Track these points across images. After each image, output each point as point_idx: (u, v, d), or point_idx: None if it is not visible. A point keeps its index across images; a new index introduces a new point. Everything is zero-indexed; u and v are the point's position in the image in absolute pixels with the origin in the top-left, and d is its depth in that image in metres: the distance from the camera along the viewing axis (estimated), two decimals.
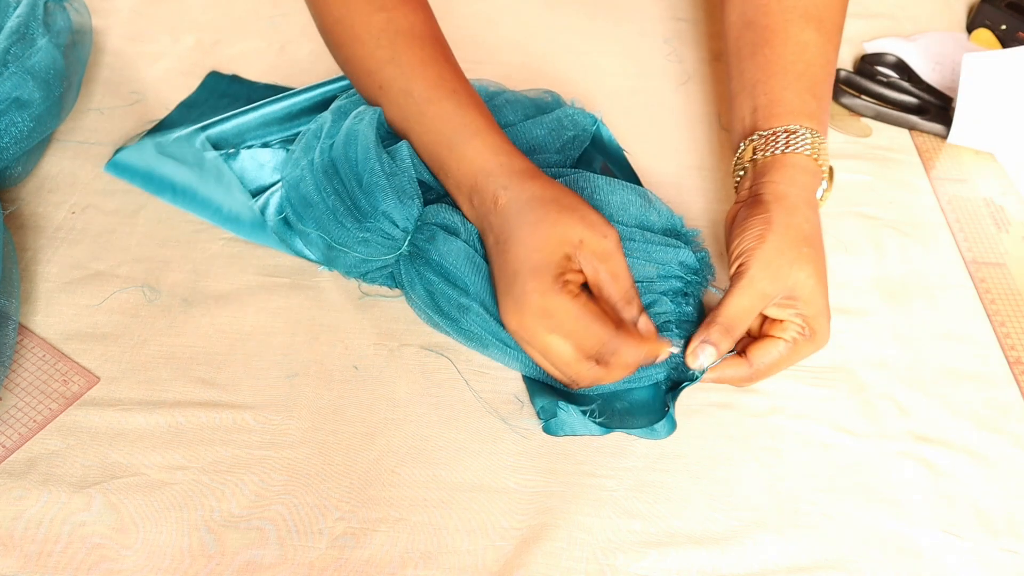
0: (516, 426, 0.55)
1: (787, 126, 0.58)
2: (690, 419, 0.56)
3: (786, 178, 0.56)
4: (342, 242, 0.58)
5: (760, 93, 0.61)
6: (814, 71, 0.61)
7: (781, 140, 0.58)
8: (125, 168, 0.67)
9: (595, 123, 0.67)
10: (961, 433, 0.56)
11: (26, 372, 0.55)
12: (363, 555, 0.49)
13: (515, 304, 0.50)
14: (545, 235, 0.51)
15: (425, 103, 0.56)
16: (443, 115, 0.56)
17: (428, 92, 0.57)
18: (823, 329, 0.53)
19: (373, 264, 0.59)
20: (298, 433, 0.54)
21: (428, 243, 0.56)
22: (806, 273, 0.53)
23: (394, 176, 0.57)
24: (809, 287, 0.53)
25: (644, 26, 0.88)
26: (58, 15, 0.70)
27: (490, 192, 0.53)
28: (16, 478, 0.50)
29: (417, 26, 0.59)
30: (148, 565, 0.47)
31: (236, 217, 0.64)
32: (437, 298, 0.57)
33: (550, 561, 0.49)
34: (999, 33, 0.86)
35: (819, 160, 0.57)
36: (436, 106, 0.56)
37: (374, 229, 0.57)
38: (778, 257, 0.53)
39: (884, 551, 0.51)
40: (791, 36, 0.61)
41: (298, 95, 0.69)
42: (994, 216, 0.71)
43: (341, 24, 0.60)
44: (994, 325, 0.63)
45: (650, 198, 0.60)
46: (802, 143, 0.57)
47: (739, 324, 0.53)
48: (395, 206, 0.57)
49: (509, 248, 0.51)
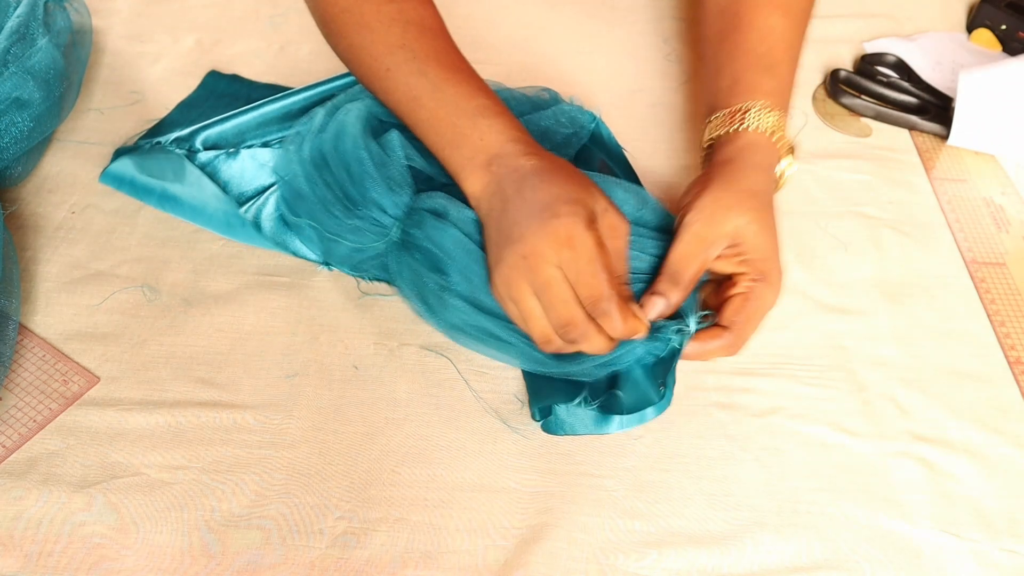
0: (516, 426, 0.55)
1: (743, 104, 0.59)
2: (690, 419, 0.56)
3: (736, 149, 0.58)
4: (334, 231, 0.58)
5: (724, 75, 0.63)
6: (776, 53, 0.62)
7: (737, 118, 0.59)
8: (117, 179, 0.66)
9: (594, 120, 0.67)
10: (961, 433, 0.56)
11: (26, 372, 0.55)
12: (363, 555, 0.49)
13: (536, 227, 0.50)
14: (582, 185, 0.52)
15: (442, 82, 0.57)
16: (464, 93, 0.56)
17: (445, 73, 0.57)
18: (774, 270, 0.54)
19: (366, 253, 0.59)
20: (298, 433, 0.54)
21: (417, 228, 0.56)
22: (746, 219, 0.53)
23: (384, 166, 0.58)
24: (751, 232, 0.53)
25: (643, 26, 0.88)
26: (58, 15, 0.70)
27: (515, 158, 0.54)
28: (16, 478, 0.51)
29: (427, 19, 0.60)
30: (148, 565, 0.48)
31: (228, 224, 0.64)
32: (421, 285, 0.57)
33: (550, 561, 0.49)
34: (999, 33, 0.86)
35: (773, 136, 0.58)
36: (454, 87, 0.56)
37: (364, 217, 0.57)
38: (713, 203, 0.54)
39: (884, 551, 0.51)
40: (757, 21, 0.63)
41: (297, 94, 0.69)
42: (994, 216, 0.71)
43: (348, 12, 0.60)
44: (994, 325, 0.63)
45: (645, 197, 0.60)
46: (755, 119, 0.58)
47: (683, 271, 0.53)
48: (384, 194, 0.57)
49: (539, 188, 0.51)
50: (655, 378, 0.54)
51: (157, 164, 0.66)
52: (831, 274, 0.66)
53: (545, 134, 0.64)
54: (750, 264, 0.54)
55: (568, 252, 0.49)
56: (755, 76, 0.61)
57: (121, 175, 0.66)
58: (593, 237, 0.49)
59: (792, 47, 0.63)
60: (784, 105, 0.61)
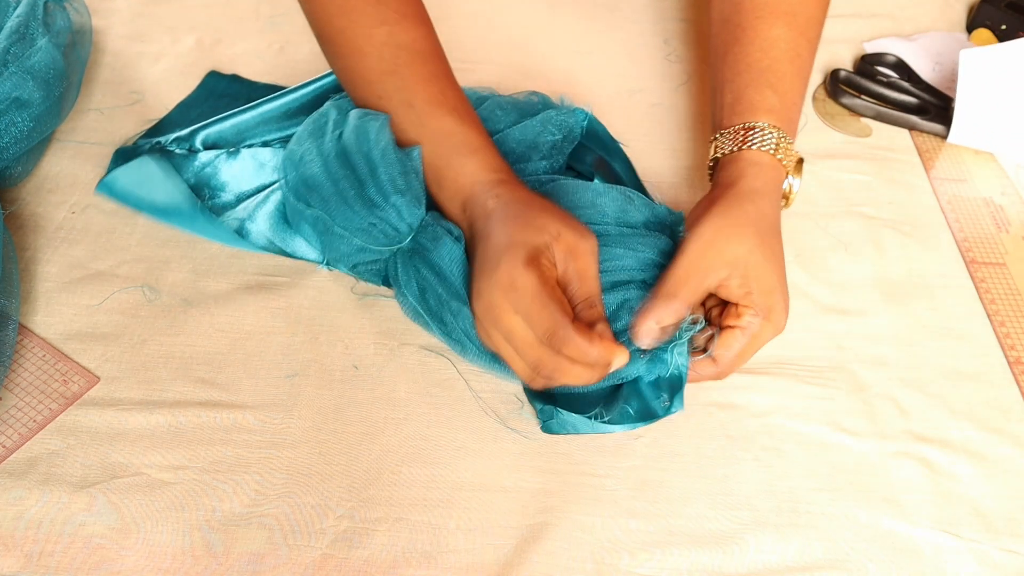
0: (516, 426, 0.55)
1: (745, 123, 0.59)
2: (690, 419, 0.56)
3: (738, 171, 0.57)
4: (346, 225, 0.58)
5: (727, 92, 0.61)
6: (780, 66, 0.61)
7: (739, 137, 0.58)
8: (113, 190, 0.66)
9: (586, 118, 0.66)
10: (961, 433, 0.56)
11: (26, 372, 0.55)
12: (363, 555, 0.49)
13: (486, 281, 0.50)
14: (526, 223, 0.51)
15: (427, 116, 0.57)
16: (444, 130, 0.57)
17: (429, 107, 0.57)
18: (778, 307, 0.53)
19: (368, 255, 0.59)
20: (298, 433, 0.54)
21: (431, 242, 0.56)
22: (746, 248, 0.52)
23: (408, 176, 0.57)
24: (753, 262, 0.52)
25: (644, 26, 0.88)
26: (58, 15, 0.70)
27: (483, 200, 0.54)
28: (16, 478, 0.51)
29: (418, 41, 0.59)
30: (148, 565, 0.48)
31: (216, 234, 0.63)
32: (428, 296, 0.56)
33: (550, 561, 0.49)
34: (999, 33, 0.86)
35: (777, 154, 0.58)
36: (438, 121, 0.57)
37: (383, 217, 0.57)
38: (714, 231, 0.53)
39: (884, 551, 0.51)
40: (759, 33, 0.62)
41: (295, 92, 0.69)
42: (994, 216, 0.71)
43: (343, 35, 0.60)
44: (994, 325, 0.63)
45: (630, 195, 0.60)
46: (758, 139, 0.57)
47: (678, 293, 0.52)
48: (406, 203, 0.57)
49: (491, 235, 0.52)
50: (660, 392, 0.55)
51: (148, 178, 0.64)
52: (831, 274, 0.66)
53: (534, 144, 0.64)
54: (753, 299, 0.52)
55: (514, 295, 0.49)
56: (757, 93, 0.60)
57: (112, 188, 0.65)
58: (533, 274, 0.49)
59: (797, 58, 0.62)
60: (789, 121, 0.60)
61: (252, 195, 0.65)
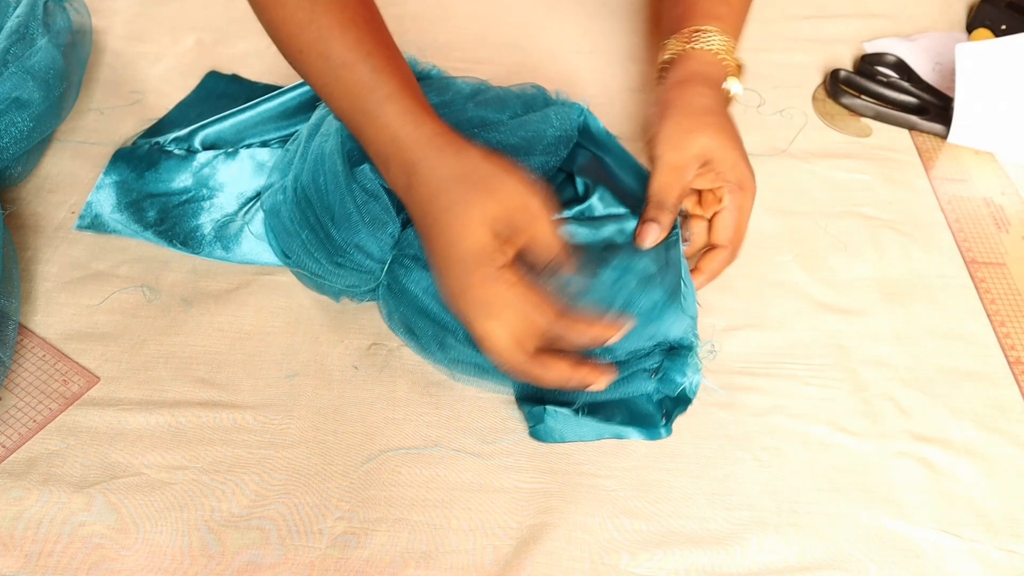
0: (516, 426, 0.55)
1: (694, 27, 0.63)
2: (690, 419, 0.56)
3: (686, 71, 0.61)
4: (319, 274, 0.58)
5: (679, 5, 0.66)
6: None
7: (687, 38, 0.62)
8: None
9: (581, 113, 0.66)
10: (961, 433, 0.56)
11: (26, 372, 0.55)
12: (363, 555, 0.49)
13: (454, 294, 0.50)
14: (464, 221, 0.49)
15: (340, 67, 0.53)
16: (358, 80, 0.53)
17: (344, 55, 0.53)
18: (746, 175, 0.58)
19: (357, 290, 0.59)
20: (298, 433, 0.54)
21: (405, 276, 0.56)
22: (707, 137, 0.57)
23: (365, 205, 0.56)
24: (717, 148, 0.57)
25: (644, 26, 0.88)
26: (58, 15, 0.70)
27: (402, 168, 0.52)
28: (16, 478, 0.51)
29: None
30: (148, 565, 0.48)
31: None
32: (416, 332, 0.56)
33: (550, 561, 0.49)
34: (999, 33, 0.86)
35: (720, 55, 0.61)
36: (350, 71, 0.53)
37: (347, 264, 0.57)
38: (677, 130, 0.57)
39: (884, 551, 0.51)
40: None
41: (293, 91, 0.69)
42: (994, 216, 0.71)
43: None
44: (994, 325, 0.63)
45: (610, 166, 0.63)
46: (704, 40, 0.62)
47: (667, 197, 0.56)
48: (368, 238, 0.56)
49: (433, 238, 0.51)
50: (660, 410, 0.55)
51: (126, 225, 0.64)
52: (831, 274, 0.66)
53: (536, 138, 0.64)
54: (724, 176, 0.57)
55: (489, 309, 0.49)
56: (707, 3, 0.64)
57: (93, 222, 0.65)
58: (503, 285, 0.49)
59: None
60: (735, 31, 0.64)
61: (252, 197, 0.65)
